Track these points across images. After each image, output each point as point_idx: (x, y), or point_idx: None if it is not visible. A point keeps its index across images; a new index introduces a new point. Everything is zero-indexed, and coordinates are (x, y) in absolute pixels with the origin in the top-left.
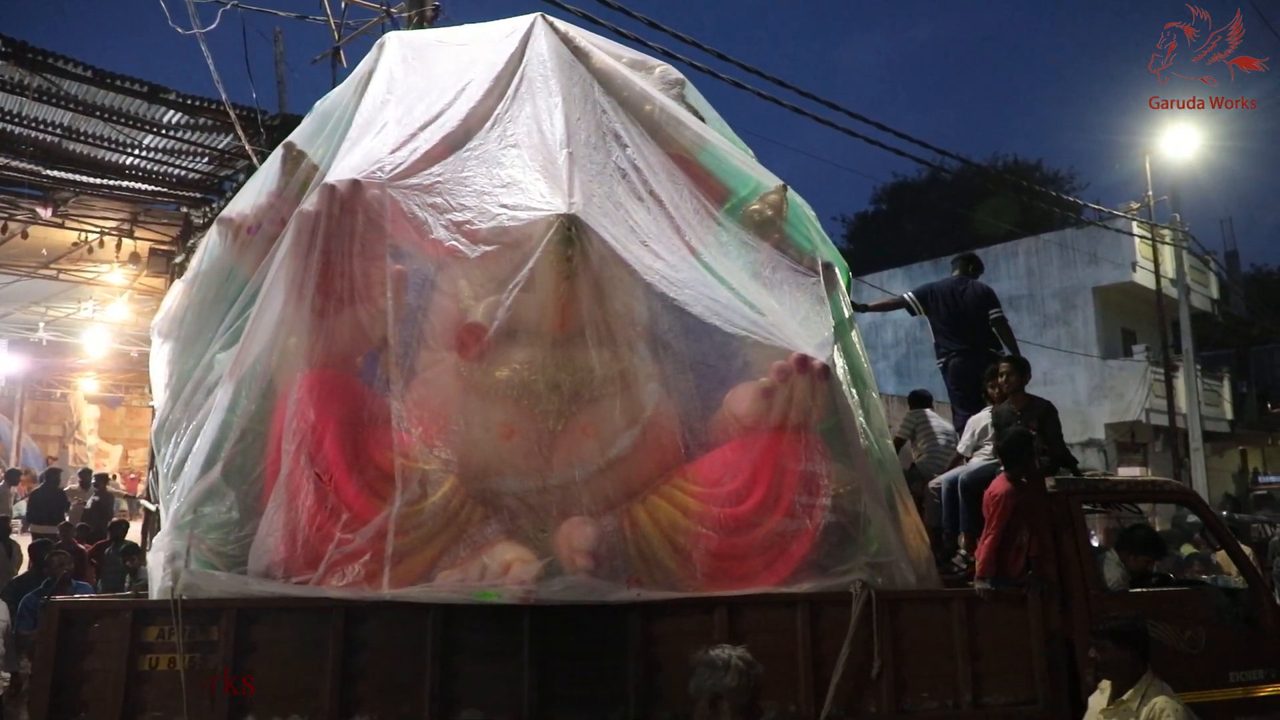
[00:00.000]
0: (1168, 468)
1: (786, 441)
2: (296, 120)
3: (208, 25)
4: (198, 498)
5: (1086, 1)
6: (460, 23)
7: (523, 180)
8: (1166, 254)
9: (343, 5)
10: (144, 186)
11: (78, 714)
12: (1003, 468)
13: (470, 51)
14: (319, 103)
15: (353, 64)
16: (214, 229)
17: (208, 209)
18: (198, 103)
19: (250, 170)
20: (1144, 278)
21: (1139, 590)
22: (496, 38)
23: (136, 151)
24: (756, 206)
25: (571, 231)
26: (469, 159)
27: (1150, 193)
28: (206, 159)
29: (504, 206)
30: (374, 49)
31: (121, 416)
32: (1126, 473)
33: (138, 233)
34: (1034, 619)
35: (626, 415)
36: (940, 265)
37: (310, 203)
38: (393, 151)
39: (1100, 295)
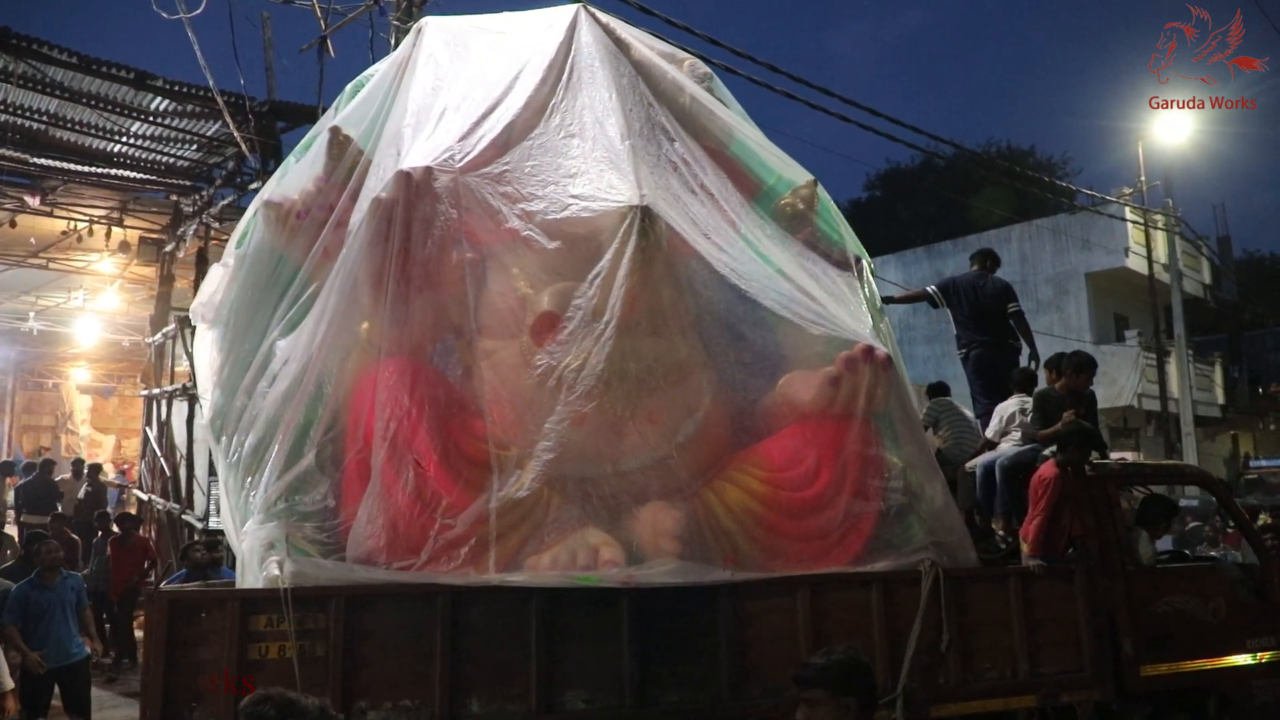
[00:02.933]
0: (1160, 452)
1: (851, 428)
2: (285, 106)
3: (193, 10)
4: (289, 486)
5: None
6: (449, 11)
7: (589, 171)
8: (1159, 239)
9: None
10: (133, 174)
11: (191, 705)
12: (1055, 450)
13: (514, 40)
14: (351, 86)
15: (340, 51)
16: (258, 212)
17: (197, 197)
18: (185, 89)
19: (240, 158)
20: (1136, 263)
21: (1168, 565)
22: (539, 27)
23: (124, 139)
24: (789, 200)
25: (645, 223)
26: (532, 149)
27: (1143, 178)
28: (195, 146)
29: (574, 197)
30: (411, 33)
31: (114, 406)
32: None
33: (127, 221)
34: (1080, 594)
35: (691, 402)
36: (934, 251)
37: (386, 190)
38: (460, 140)
39: (1093, 281)
